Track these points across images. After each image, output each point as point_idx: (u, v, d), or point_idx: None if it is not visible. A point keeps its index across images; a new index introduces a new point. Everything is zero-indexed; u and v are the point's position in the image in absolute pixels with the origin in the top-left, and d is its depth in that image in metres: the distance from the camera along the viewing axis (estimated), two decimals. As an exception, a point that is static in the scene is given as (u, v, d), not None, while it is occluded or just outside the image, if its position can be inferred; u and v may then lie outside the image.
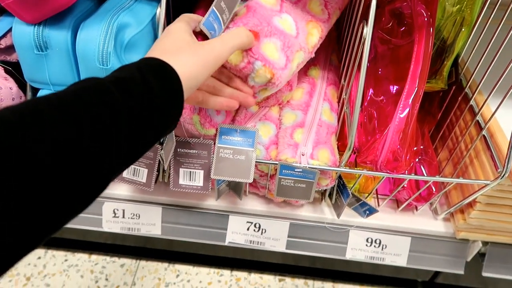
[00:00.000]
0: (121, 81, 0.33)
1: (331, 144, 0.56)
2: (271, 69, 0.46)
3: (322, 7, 0.54)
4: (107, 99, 0.31)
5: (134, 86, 0.33)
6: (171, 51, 0.38)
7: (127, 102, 0.32)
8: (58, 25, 0.46)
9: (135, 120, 0.32)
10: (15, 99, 0.51)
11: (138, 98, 0.33)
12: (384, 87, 0.61)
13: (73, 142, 0.28)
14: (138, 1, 0.51)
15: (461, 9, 0.61)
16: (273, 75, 0.47)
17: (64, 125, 0.27)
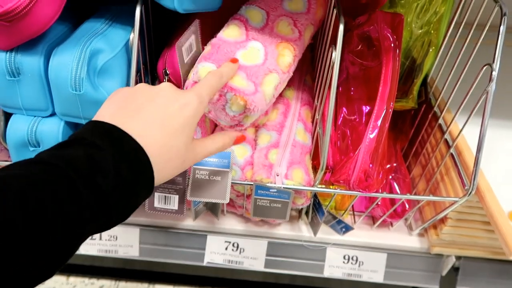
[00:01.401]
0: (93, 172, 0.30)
1: (305, 164, 0.57)
2: (243, 96, 0.48)
3: (292, 26, 0.55)
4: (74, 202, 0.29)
5: (105, 178, 0.30)
6: (164, 140, 0.35)
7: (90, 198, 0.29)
8: (31, 51, 0.46)
9: None
10: (-13, 124, 0.51)
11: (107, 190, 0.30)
12: (356, 107, 0.62)
13: None
14: (111, 26, 0.52)
15: (427, 31, 0.64)
16: (246, 101, 0.48)
17: None
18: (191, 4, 0.49)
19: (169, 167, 0.36)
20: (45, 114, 0.49)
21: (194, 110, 0.38)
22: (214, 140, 0.43)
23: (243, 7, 0.54)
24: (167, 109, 0.36)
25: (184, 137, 0.37)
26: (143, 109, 0.36)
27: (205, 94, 0.40)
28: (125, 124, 0.34)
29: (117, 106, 0.36)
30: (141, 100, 0.37)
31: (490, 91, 0.50)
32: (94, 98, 0.47)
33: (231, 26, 0.52)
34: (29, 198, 0.27)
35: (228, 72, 0.46)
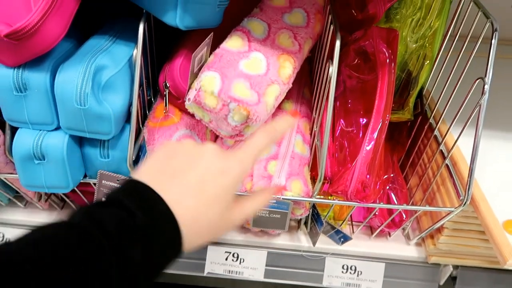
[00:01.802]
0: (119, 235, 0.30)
1: (304, 175, 0.59)
2: (246, 107, 0.49)
3: (292, 39, 0.57)
4: None
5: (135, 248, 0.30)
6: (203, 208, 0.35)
7: None
8: (37, 67, 0.47)
9: None
10: (-6, 138, 0.52)
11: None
12: (353, 119, 0.64)
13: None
14: (115, 43, 0.54)
15: (422, 45, 0.66)
16: (249, 111, 0.49)
17: None
18: (192, 22, 0.50)
19: (199, 237, 0.35)
20: (51, 128, 0.51)
21: (233, 179, 0.36)
22: (253, 201, 0.40)
23: (245, 20, 0.56)
24: (206, 175, 0.36)
25: (218, 207, 0.36)
26: (183, 173, 0.35)
27: (249, 162, 0.38)
28: (162, 187, 0.34)
29: (159, 166, 0.36)
30: (183, 162, 0.36)
31: (482, 104, 0.51)
32: (98, 112, 0.48)
33: (234, 37, 0.53)
34: (59, 261, 0.28)
35: (284, 127, 0.42)
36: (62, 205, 0.68)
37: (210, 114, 0.51)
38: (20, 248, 0.28)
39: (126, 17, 0.61)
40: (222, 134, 0.54)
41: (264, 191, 0.42)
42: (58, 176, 0.52)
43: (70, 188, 0.54)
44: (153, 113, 0.58)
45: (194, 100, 0.50)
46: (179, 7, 0.49)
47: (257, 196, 0.41)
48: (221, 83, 0.49)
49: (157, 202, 0.33)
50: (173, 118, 0.57)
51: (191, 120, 0.59)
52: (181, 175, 0.35)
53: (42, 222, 0.56)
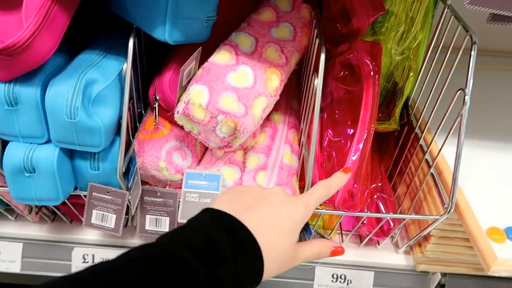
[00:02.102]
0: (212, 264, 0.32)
1: (292, 185, 0.60)
2: (233, 119, 0.50)
3: (279, 52, 0.58)
4: None
5: None
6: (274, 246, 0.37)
7: None
8: (28, 82, 0.48)
9: None
10: (-16, 151, 0.53)
11: None
12: (341, 129, 0.65)
13: None
14: (106, 57, 0.55)
15: (407, 57, 0.67)
16: (236, 123, 0.50)
17: None
18: (180, 36, 0.52)
19: (275, 264, 0.37)
20: (41, 141, 0.51)
21: (301, 218, 0.40)
22: (312, 245, 0.43)
23: (233, 34, 0.58)
24: (279, 210, 0.39)
25: (290, 240, 0.38)
26: (257, 206, 0.38)
27: (312, 205, 0.42)
28: (240, 215, 0.36)
29: (233, 199, 0.39)
30: (255, 197, 0.39)
31: (464, 114, 0.53)
32: (88, 125, 0.49)
33: (222, 51, 0.55)
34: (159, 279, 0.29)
35: (338, 184, 0.46)
36: (53, 217, 0.69)
37: (198, 126, 0.52)
38: None
39: (117, 31, 0.62)
40: (211, 145, 0.55)
41: (323, 242, 0.45)
42: (49, 188, 0.52)
43: (60, 200, 0.54)
44: (143, 125, 0.59)
45: (183, 113, 0.51)
46: (168, 23, 0.50)
47: (316, 242, 0.44)
48: (209, 96, 0.50)
49: (240, 228, 0.35)
50: (163, 130, 0.58)
51: (180, 132, 0.60)
52: (256, 207, 0.38)
53: (33, 235, 0.57)
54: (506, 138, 0.69)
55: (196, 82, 0.51)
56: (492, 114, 0.75)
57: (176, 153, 0.58)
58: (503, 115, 0.76)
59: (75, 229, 0.67)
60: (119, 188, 0.56)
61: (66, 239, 0.67)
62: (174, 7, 0.49)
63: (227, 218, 0.36)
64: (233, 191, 0.41)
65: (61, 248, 0.66)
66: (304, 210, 0.41)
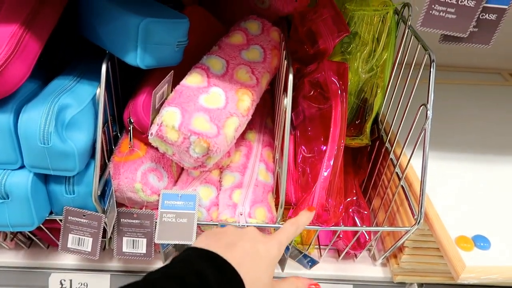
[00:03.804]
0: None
1: (268, 202, 0.61)
2: (206, 139, 0.51)
3: (250, 74, 0.60)
4: None
5: None
6: None
7: None
8: (0, 109, 0.49)
9: None
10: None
11: None
12: (314, 145, 0.67)
13: None
14: (79, 82, 0.56)
15: (374, 74, 0.70)
16: (209, 143, 0.52)
17: None
18: (152, 61, 0.53)
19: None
20: (14, 167, 0.52)
21: (276, 254, 0.42)
22: (288, 282, 0.46)
23: (204, 57, 0.60)
24: (257, 247, 0.41)
25: (270, 274, 0.41)
26: (236, 244, 0.40)
27: (284, 242, 0.44)
28: (222, 253, 0.38)
29: (212, 239, 0.41)
30: (233, 236, 0.42)
31: (427, 129, 0.55)
32: (62, 150, 0.50)
33: (193, 74, 0.56)
34: None
35: (304, 222, 0.49)
36: (29, 243, 0.68)
37: (172, 147, 0.53)
38: None
39: (90, 56, 0.63)
40: (186, 165, 0.56)
41: (299, 279, 0.47)
42: (23, 214, 0.52)
43: (35, 225, 0.54)
44: (119, 148, 0.60)
45: (157, 135, 0.53)
46: (139, 48, 0.52)
47: (292, 280, 0.46)
48: (182, 117, 0.52)
49: (223, 263, 0.37)
50: (138, 152, 0.59)
51: (156, 153, 0.61)
52: (235, 245, 0.40)
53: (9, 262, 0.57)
54: (470, 149, 0.72)
55: (169, 105, 0.53)
56: (452, 126, 0.78)
57: (152, 174, 0.58)
58: (466, 126, 0.79)
59: (52, 255, 0.67)
60: (95, 211, 0.56)
61: (43, 264, 0.66)
62: (145, 33, 0.51)
63: (210, 255, 0.38)
64: (211, 232, 0.43)
65: (38, 275, 0.65)
66: (278, 247, 0.43)
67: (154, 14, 0.52)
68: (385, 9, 0.66)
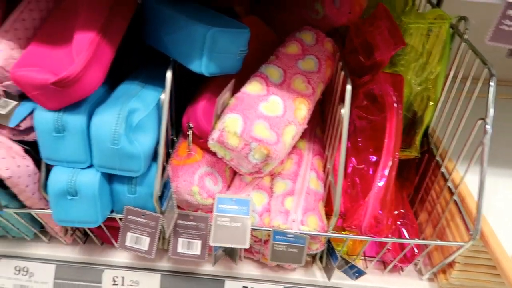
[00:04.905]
0: None
1: (319, 210, 0.61)
2: (266, 146, 0.53)
3: (306, 83, 0.62)
4: None
5: None
6: None
7: None
8: (75, 111, 0.52)
9: None
10: (31, 175, 0.56)
11: None
12: (364, 157, 0.67)
13: None
14: (144, 88, 0.59)
15: (426, 87, 0.70)
16: (269, 150, 0.53)
17: None
18: (216, 69, 0.55)
19: None
20: (84, 166, 0.54)
21: None
22: None
23: (262, 66, 0.61)
24: None
25: None
26: None
27: None
28: None
29: None
30: None
31: (485, 143, 0.55)
32: (130, 151, 0.52)
33: (253, 82, 0.58)
34: None
35: None
36: (84, 239, 0.71)
37: (232, 152, 0.55)
38: None
39: (152, 62, 0.66)
40: (243, 171, 0.58)
41: None
42: (89, 211, 0.55)
43: (99, 222, 0.57)
44: (176, 151, 0.62)
45: (218, 140, 0.54)
46: (204, 56, 0.54)
47: None
48: (243, 124, 0.53)
49: None
50: (195, 156, 0.61)
51: (211, 158, 0.63)
52: None
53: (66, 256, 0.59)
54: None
55: (231, 111, 0.54)
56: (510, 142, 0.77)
57: (208, 178, 0.60)
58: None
59: (106, 251, 0.69)
60: (153, 212, 0.58)
61: (97, 261, 0.69)
62: (211, 42, 0.53)
63: None
64: None
65: (92, 270, 0.67)
66: None
67: (219, 24, 0.54)
68: (440, 22, 0.66)
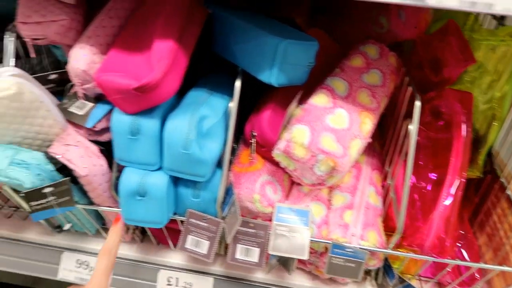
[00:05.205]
0: None
1: (378, 226, 0.61)
2: (333, 159, 0.53)
3: (371, 97, 0.61)
4: None
5: None
6: None
7: None
8: (150, 115, 0.54)
9: None
10: (104, 174, 0.58)
11: None
12: (424, 174, 0.66)
13: None
14: (213, 95, 0.60)
15: (491, 106, 0.68)
16: (336, 163, 0.53)
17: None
18: (285, 80, 0.56)
19: None
20: (153, 168, 0.57)
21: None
22: None
23: (328, 78, 0.62)
24: None
25: None
26: None
27: (104, 282, 0.46)
28: None
29: None
30: None
31: None
32: (199, 157, 0.54)
33: (319, 94, 0.58)
34: None
35: (115, 239, 0.50)
36: (142, 238, 0.73)
37: (296, 163, 0.56)
38: None
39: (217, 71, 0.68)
40: (305, 182, 0.58)
41: None
42: (156, 212, 0.57)
43: (163, 224, 0.58)
44: (238, 158, 0.64)
45: (284, 150, 0.55)
46: (275, 67, 0.55)
47: None
48: (311, 136, 0.54)
49: None
50: (256, 164, 0.62)
51: (271, 167, 0.63)
52: None
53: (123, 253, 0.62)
54: None
55: (298, 122, 0.55)
56: None
57: (268, 186, 0.61)
58: None
59: (161, 251, 0.71)
60: (214, 216, 0.59)
61: (153, 260, 0.71)
62: (283, 53, 0.54)
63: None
64: None
65: (148, 269, 0.70)
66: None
67: (290, 36, 0.55)
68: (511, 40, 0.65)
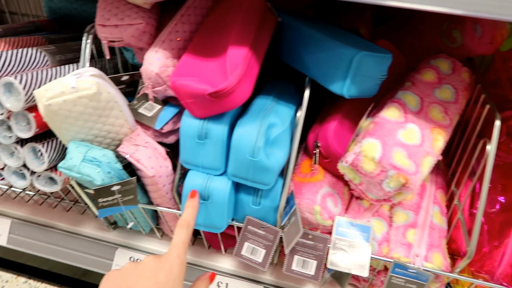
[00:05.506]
0: None
1: (443, 248, 0.58)
2: (405, 175, 0.51)
3: (443, 114, 0.59)
4: None
5: None
6: None
7: None
8: (218, 120, 0.54)
9: None
10: (168, 176, 0.59)
11: None
12: (492, 196, 0.63)
13: None
14: (278, 104, 0.60)
15: None
16: (407, 180, 0.51)
17: None
18: (356, 91, 0.55)
19: None
20: (217, 173, 0.57)
21: (178, 272, 0.44)
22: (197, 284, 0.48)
23: (399, 92, 0.60)
24: (157, 278, 0.42)
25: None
26: (136, 285, 0.42)
27: (182, 252, 0.45)
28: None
29: (114, 286, 0.42)
30: (131, 277, 0.42)
31: None
32: (265, 165, 0.53)
33: (391, 108, 0.57)
34: None
35: (192, 214, 0.49)
36: (193, 240, 0.73)
37: (363, 177, 0.54)
38: None
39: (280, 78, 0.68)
40: (370, 197, 0.56)
41: (200, 277, 0.49)
42: (216, 216, 0.57)
43: (223, 229, 0.58)
44: (299, 168, 0.63)
45: (351, 163, 0.54)
46: (348, 79, 0.54)
47: None
48: (382, 150, 0.52)
49: None
50: (318, 175, 0.61)
51: (332, 178, 0.62)
52: (136, 285, 0.42)
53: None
54: None
55: (370, 136, 0.53)
56: None
57: (329, 199, 0.60)
58: None
59: (212, 255, 0.71)
60: (273, 225, 0.59)
61: (203, 263, 0.71)
62: (357, 65, 0.53)
63: None
64: (110, 279, 0.43)
65: (198, 272, 0.70)
66: (179, 261, 0.44)
67: (365, 48, 0.54)
68: None
